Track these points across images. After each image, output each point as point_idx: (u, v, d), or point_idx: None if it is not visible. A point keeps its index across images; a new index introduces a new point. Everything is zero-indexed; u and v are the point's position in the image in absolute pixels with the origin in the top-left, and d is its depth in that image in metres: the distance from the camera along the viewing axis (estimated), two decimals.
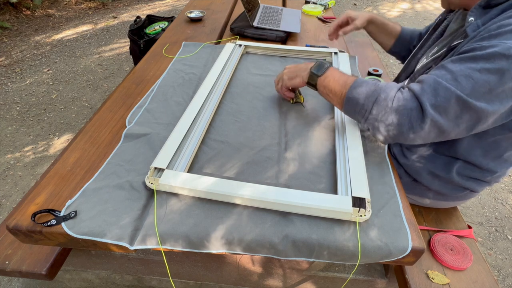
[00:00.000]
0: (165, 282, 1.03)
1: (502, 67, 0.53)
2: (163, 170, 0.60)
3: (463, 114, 0.56)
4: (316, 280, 0.92)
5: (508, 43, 0.53)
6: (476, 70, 0.54)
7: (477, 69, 0.54)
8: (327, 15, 1.55)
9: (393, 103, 0.58)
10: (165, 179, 0.58)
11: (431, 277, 0.73)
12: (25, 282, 1.18)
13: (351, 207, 0.54)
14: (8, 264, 0.71)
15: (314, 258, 0.56)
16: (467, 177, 0.77)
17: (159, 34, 1.87)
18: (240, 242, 0.54)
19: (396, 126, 0.58)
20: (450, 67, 0.57)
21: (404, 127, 0.58)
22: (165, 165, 0.61)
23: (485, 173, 0.76)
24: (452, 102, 0.55)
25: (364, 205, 0.55)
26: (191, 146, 0.69)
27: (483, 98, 0.54)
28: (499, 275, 1.30)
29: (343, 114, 0.78)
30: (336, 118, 0.79)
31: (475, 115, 0.56)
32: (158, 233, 0.54)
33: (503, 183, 1.71)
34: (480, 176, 0.77)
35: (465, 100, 0.54)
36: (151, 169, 0.60)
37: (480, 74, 0.54)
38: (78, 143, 0.72)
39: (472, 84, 0.54)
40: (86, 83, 2.44)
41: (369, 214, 0.54)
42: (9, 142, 1.88)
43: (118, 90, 0.92)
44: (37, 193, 0.60)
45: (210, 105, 0.81)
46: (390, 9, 3.93)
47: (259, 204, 0.57)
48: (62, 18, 3.64)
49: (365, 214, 0.54)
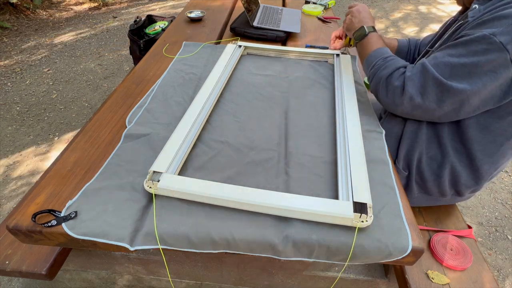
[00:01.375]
0: (165, 282, 1.03)
1: (476, 50, 0.60)
2: (162, 174, 0.59)
3: (444, 96, 0.65)
4: (316, 280, 0.92)
5: (484, 32, 0.60)
6: (455, 55, 0.63)
7: (455, 55, 0.63)
8: (327, 15, 1.55)
9: (386, 79, 0.74)
10: (164, 183, 0.58)
11: (431, 277, 0.73)
12: (25, 282, 1.18)
13: (352, 212, 0.54)
14: (8, 264, 0.71)
15: (314, 258, 0.56)
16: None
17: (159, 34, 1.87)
18: (240, 242, 0.54)
19: (386, 95, 0.75)
20: (437, 54, 0.67)
21: (389, 98, 0.74)
22: (164, 169, 0.60)
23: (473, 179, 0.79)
24: (430, 84, 0.66)
25: (365, 210, 0.54)
26: (190, 149, 0.68)
27: (462, 79, 0.62)
28: (499, 275, 1.30)
29: (344, 115, 0.78)
30: (338, 119, 0.79)
31: (456, 97, 0.64)
32: (158, 233, 0.54)
33: (503, 183, 1.71)
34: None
35: (443, 82, 0.64)
36: (150, 172, 0.60)
37: (457, 58, 0.63)
38: (78, 143, 0.72)
39: (450, 68, 0.63)
40: (86, 83, 2.44)
41: (371, 220, 0.54)
42: (9, 142, 1.88)
43: (118, 90, 0.92)
44: (37, 193, 0.60)
45: (210, 108, 0.81)
46: (391, 9, 3.93)
47: (260, 209, 0.56)
48: (62, 18, 3.64)
49: (366, 219, 0.53)
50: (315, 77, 1.00)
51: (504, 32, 0.58)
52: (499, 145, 0.72)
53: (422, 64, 0.68)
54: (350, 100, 0.83)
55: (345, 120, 0.76)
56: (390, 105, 0.75)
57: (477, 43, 0.61)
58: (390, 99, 0.74)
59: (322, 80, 0.98)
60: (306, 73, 1.02)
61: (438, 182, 0.81)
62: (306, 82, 0.97)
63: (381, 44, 0.84)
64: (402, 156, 0.82)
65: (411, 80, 0.69)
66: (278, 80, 0.98)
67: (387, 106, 0.77)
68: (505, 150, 0.73)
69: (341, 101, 0.84)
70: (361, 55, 0.88)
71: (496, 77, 0.61)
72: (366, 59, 0.84)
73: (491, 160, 0.75)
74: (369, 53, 0.83)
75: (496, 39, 0.58)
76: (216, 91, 0.87)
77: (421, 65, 0.68)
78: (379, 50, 0.82)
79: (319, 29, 1.38)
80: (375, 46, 0.83)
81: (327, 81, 0.98)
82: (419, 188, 0.85)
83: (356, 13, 0.93)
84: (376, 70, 0.78)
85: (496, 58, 0.59)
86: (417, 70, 0.69)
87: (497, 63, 0.59)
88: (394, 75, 0.73)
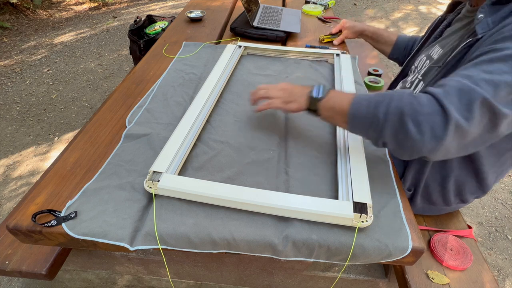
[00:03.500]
0: (165, 282, 1.03)
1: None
2: (162, 174, 0.59)
3: (483, 118, 0.50)
4: (316, 280, 0.92)
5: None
6: (495, 72, 0.50)
7: (496, 72, 0.50)
8: (327, 15, 1.55)
9: (410, 110, 0.50)
10: (164, 183, 0.58)
11: (431, 277, 0.73)
12: (25, 282, 1.18)
13: (352, 212, 0.54)
14: (8, 264, 0.71)
15: (314, 258, 0.56)
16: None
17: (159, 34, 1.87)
18: (240, 242, 0.54)
19: (416, 135, 0.50)
20: (467, 72, 0.53)
21: (426, 135, 0.49)
22: (164, 169, 0.60)
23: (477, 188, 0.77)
24: (477, 104, 0.48)
25: (365, 210, 0.54)
26: (190, 149, 0.68)
27: (506, 101, 0.50)
28: (499, 275, 1.30)
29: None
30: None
31: (495, 120, 0.50)
32: (158, 233, 0.54)
33: (503, 183, 1.71)
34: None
35: (491, 103, 0.48)
36: (150, 172, 0.60)
37: (499, 76, 0.50)
38: (78, 143, 0.72)
39: (494, 86, 0.49)
40: (86, 83, 2.44)
41: (371, 220, 0.53)
42: (9, 142, 1.88)
43: (118, 90, 0.92)
44: (37, 193, 0.60)
45: (210, 108, 0.81)
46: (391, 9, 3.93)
47: (260, 209, 0.56)
48: (62, 18, 3.64)
49: (366, 219, 0.53)
50: (315, 77, 1.00)
51: None
52: (506, 156, 0.71)
53: (458, 81, 0.51)
54: None
55: None
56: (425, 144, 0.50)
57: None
58: (427, 135, 0.49)
59: (322, 80, 0.98)
60: (306, 73, 1.02)
61: (443, 192, 0.79)
62: (306, 82, 0.97)
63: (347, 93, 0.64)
64: (410, 178, 0.78)
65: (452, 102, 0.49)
66: (278, 80, 0.98)
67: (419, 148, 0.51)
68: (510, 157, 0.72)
69: None
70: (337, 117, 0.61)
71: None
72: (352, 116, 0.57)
73: (498, 170, 0.73)
74: (347, 108, 0.58)
75: None
76: (216, 91, 0.87)
77: (456, 82, 0.51)
78: (358, 96, 0.58)
79: (319, 29, 1.38)
80: (348, 95, 0.60)
81: (327, 81, 0.98)
82: (423, 200, 0.83)
83: (283, 89, 0.70)
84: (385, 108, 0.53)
85: None
86: (453, 89, 0.50)
87: None
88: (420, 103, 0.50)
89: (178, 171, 0.64)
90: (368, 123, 0.55)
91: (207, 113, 0.79)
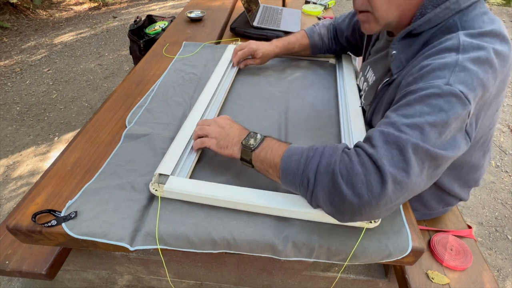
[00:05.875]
0: (165, 282, 1.03)
1: (440, 105, 0.47)
2: (168, 177, 0.59)
3: (423, 165, 0.46)
4: (316, 280, 0.92)
5: (435, 82, 0.48)
6: (416, 115, 0.47)
7: (416, 114, 0.47)
8: (327, 15, 1.55)
9: (340, 171, 0.46)
10: (170, 185, 0.57)
11: (431, 277, 0.73)
12: (25, 282, 1.18)
13: None
14: (8, 264, 0.71)
15: (314, 258, 0.56)
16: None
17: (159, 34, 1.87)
18: (240, 242, 0.54)
19: (353, 198, 0.44)
20: (389, 120, 0.50)
21: (363, 198, 0.44)
22: (170, 171, 0.60)
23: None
24: (409, 152, 0.44)
25: None
26: (200, 151, 0.68)
27: (440, 143, 0.47)
28: (499, 275, 1.30)
29: (347, 115, 0.77)
30: (341, 119, 0.79)
31: (436, 164, 0.47)
32: (158, 233, 0.54)
33: (503, 183, 1.71)
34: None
35: (424, 147, 0.45)
36: (156, 175, 0.59)
37: (421, 118, 0.47)
38: (78, 143, 0.72)
39: (419, 130, 0.46)
40: (86, 83, 2.44)
41: (379, 220, 0.53)
42: (9, 142, 1.88)
43: (118, 90, 0.92)
44: (37, 193, 0.60)
45: (212, 110, 0.81)
46: None
47: (260, 210, 0.56)
48: (62, 18, 3.64)
49: (375, 220, 0.53)
50: (315, 77, 1.00)
51: (458, 81, 0.48)
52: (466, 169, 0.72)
53: (381, 131, 0.48)
54: (353, 100, 0.83)
55: (348, 119, 0.76)
56: (364, 206, 0.45)
57: (437, 97, 0.47)
58: (364, 196, 0.44)
59: (322, 80, 0.98)
60: (306, 73, 1.02)
61: (422, 201, 0.80)
62: (306, 82, 0.97)
63: (284, 143, 0.57)
64: None
65: (383, 156, 0.45)
66: (278, 80, 0.98)
67: (358, 210, 0.45)
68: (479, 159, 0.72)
69: (344, 101, 0.83)
70: (270, 171, 0.55)
71: (462, 130, 0.50)
72: (284, 172, 0.52)
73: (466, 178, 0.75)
74: (279, 161, 0.53)
75: (455, 89, 0.47)
76: (218, 94, 0.86)
77: (379, 133, 0.48)
78: (290, 149, 0.54)
79: None
80: (283, 147, 0.55)
81: (327, 81, 0.98)
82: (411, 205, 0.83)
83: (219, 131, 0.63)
84: (315, 166, 0.48)
85: (461, 111, 0.47)
86: (379, 142, 0.46)
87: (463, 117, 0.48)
88: (352, 161, 0.46)
89: (189, 174, 0.63)
90: (299, 182, 0.50)
91: (214, 114, 0.79)
